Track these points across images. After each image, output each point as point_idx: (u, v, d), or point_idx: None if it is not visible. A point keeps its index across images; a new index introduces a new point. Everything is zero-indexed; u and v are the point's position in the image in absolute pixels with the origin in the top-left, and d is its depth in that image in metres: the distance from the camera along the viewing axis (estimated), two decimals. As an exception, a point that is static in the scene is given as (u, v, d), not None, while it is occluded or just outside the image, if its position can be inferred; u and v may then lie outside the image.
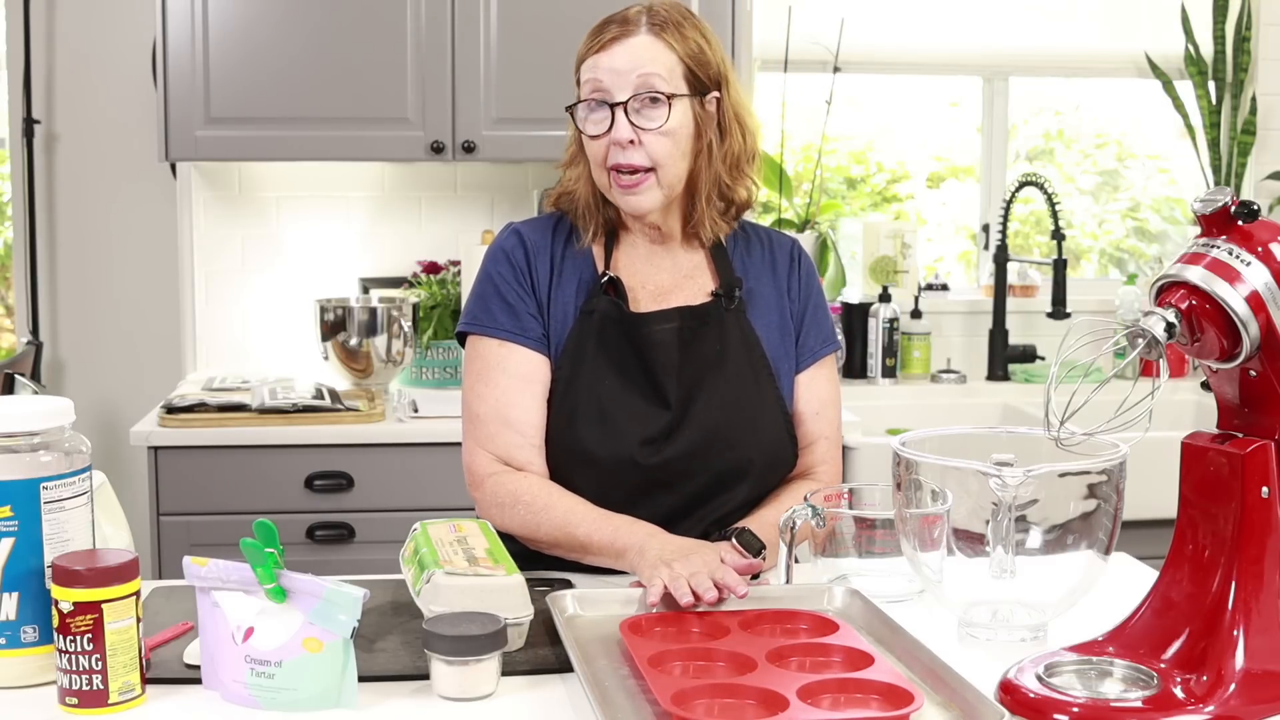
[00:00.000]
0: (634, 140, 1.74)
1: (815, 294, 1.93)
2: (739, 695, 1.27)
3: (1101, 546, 1.44)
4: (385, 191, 3.47)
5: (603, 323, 1.80)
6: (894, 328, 3.51)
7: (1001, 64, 3.78)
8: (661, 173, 1.76)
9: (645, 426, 1.78)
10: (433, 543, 1.54)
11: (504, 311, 1.82)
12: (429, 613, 1.42)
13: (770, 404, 1.84)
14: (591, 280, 1.83)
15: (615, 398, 1.79)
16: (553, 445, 1.80)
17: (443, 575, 1.44)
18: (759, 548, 1.67)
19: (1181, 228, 3.98)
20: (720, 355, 1.82)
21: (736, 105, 1.83)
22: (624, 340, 1.80)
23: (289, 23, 3.04)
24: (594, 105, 1.76)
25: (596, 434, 1.77)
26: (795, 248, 1.94)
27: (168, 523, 2.84)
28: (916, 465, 1.46)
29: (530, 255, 1.84)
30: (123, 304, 3.56)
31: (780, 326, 1.88)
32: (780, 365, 1.87)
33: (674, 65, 1.76)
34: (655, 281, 1.85)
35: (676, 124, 1.76)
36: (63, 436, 1.36)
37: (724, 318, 1.83)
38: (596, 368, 1.79)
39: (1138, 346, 1.30)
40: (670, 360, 1.80)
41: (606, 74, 1.74)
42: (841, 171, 3.91)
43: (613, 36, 1.75)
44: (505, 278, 1.83)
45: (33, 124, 3.45)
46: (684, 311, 1.82)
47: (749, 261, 1.89)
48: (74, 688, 1.28)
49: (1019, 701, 1.29)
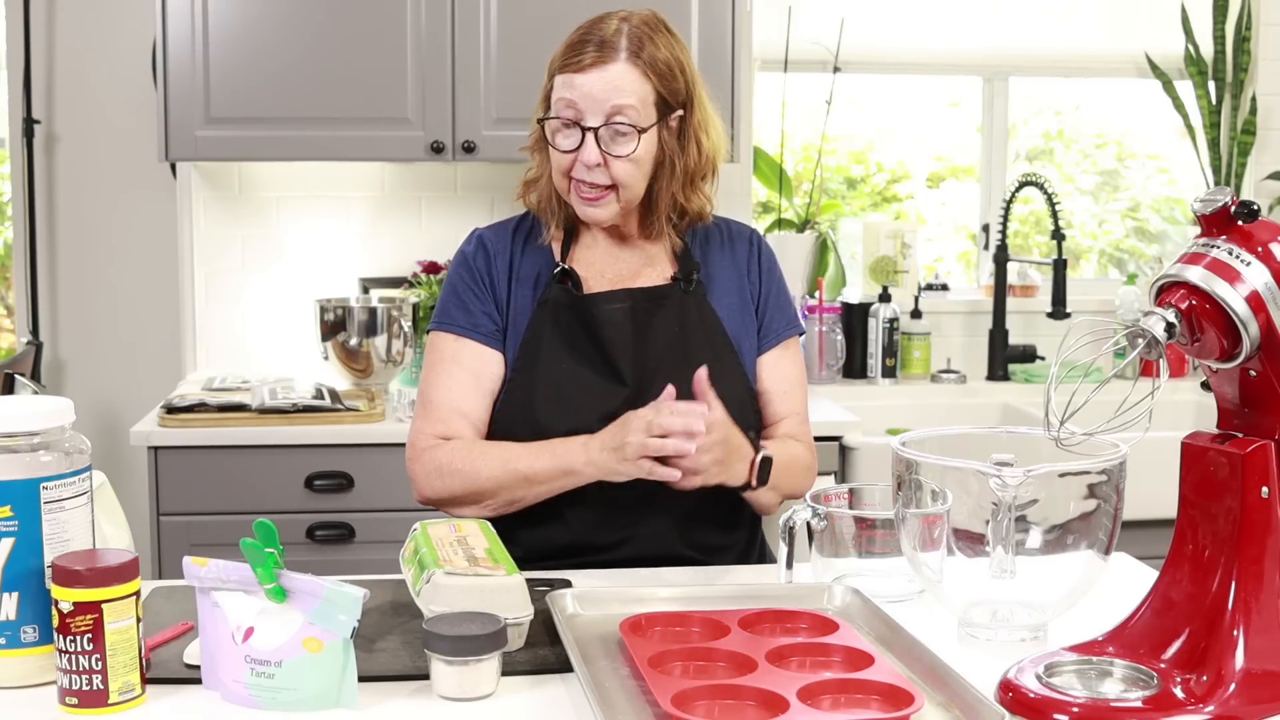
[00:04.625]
0: (601, 164, 1.80)
1: (775, 279, 2.00)
2: (739, 696, 1.27)
3: (1101, 546, 1.44)
4: (385, 191, 3.47)
5: (556, 310, 1.88)
6: (894, 328, 3.51)
7: (1001, 64, 3.78)
8: (622, 191, 1.84)
9: (603, 403, 1.83)
10: (433, 543, 1.54)
11: (460, 310, 1.91)
12: (429, 613, 1.42)
13: (733, 382, 1.88)
14: (549, 272, 1.91)
15: (571, 378, 1.85)
16: (514, 429, 1.85)
17: (443, 575, 1.44)
18: (763, 481, 1.78)
19: (1181, 228, 3.98)
20: (679, 335, 1.89)
21: (699, 123, 1.88)
22: (576, 323, 1.87)
23: (289, 23, 3.04)
24: (566, 122, 1.81)
25: (555, 412, 1.83)
26: (754, 235, 2.02)
27: (168, 523, 2.84)
28: (916, 465, 1.46)
29: (490, 257, 1.93)
30: (123, 304, 3.56)
31: (741, 307, 1.95)
32: (742, 344, 1.93)
33: (647, 95, 1.81)
34: (614, 271, 1.93)
35: (643, 152, 1.82)
36: (63, 436, 1.36)
37: (683, 300, 1.90)
38: (552, 351, 1.86)
39: (1138, 346, 1.30)
40: (623, 339, 1.87)
41: (581, 97, 1.79)
42: (841, 171, 3.91)
43: (591, 60, 1.79)
44: (464, 280, 1.92)
45: (33, 124, 3.45)
46: (635, 292, 1.90)
47: (707, 250, 1.97)
48: (74, 688, 1.28)
49: (1019, 701, 1.29)
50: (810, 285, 3.60)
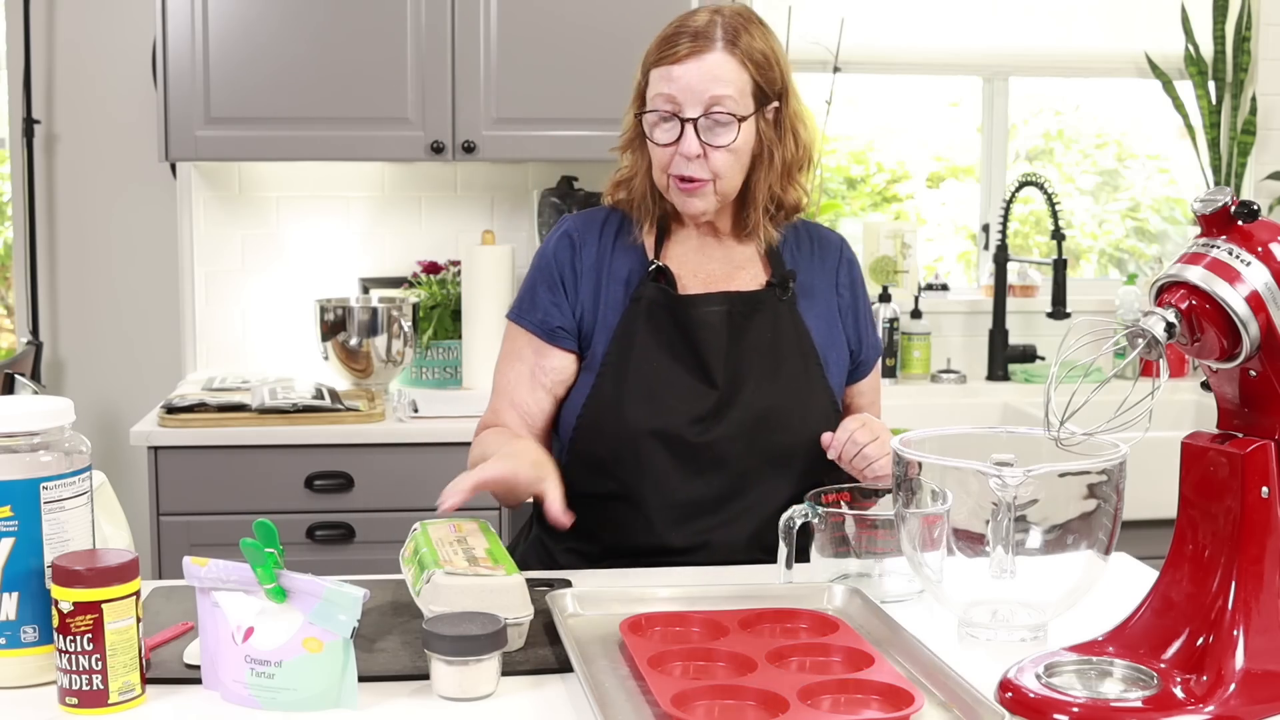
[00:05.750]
0: (701, 155, 1.79)
1: (863, 295, 2.00)
2: (739, 696, 1.27)
3: (1101, 546, 1.44)
4: (385, 191, 3.47)
5: (650, 308, 1.86)
6: (894, 328, 3.51)
7: (1001, 64, 3.78)
8: (720, 183, 1.82)
9: (693, 405, 1.83)
10: (433, 543, 1.54)
11: (530, 304, 1.91)
12: (429, 613, 1.42)
13: (819, 393, 1.90)
14: (642, 270, 1.89)
15: (663, 377, 1.84)
16: (601, 424, 1.84)
17: (443, 575, 1.44)
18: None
19: (1181, 228, 3.98)
20: (772, 342, 1.88)
21: (794, 114, 1.88)
22: (671, 323, 1.86)
23: (289, 23, 3.04)
24: (664, 115, 1.79)
25: (645, 412, 1.82)
26: (844, 245, 2.01)
27: (168, 523, 2.84)
28: (917, 465, 1.46)
29: (575, 250, 1.91)
30: (123, 304, 3.55)
31: (828, 319, 1.94)
32: (829, 356, 1.92)
33: (745, 84, 1.80)
34: (706, 271, 1.91)
35: (742, 142, 1.81)
36: (63, 436, 1.36)
37: (777, 307, 1.89)
38: (644, 350, 1.85)
39: (1138, 346, 1.30)
40: (717, 342, 1.85)
41: (679, 88, 1.77)
42: (841, 171, 3.91)
43: (687, 51, 1.77)
44: (541, 272, 1.92)
45: (33, 124, 3.45)
46: (733, 296, 1.88)
47: (799, 256, 1.95)
48: (74, 688, 1.28)
49: (1019, 701, 1.29)
50: (810, 285, 3.60)
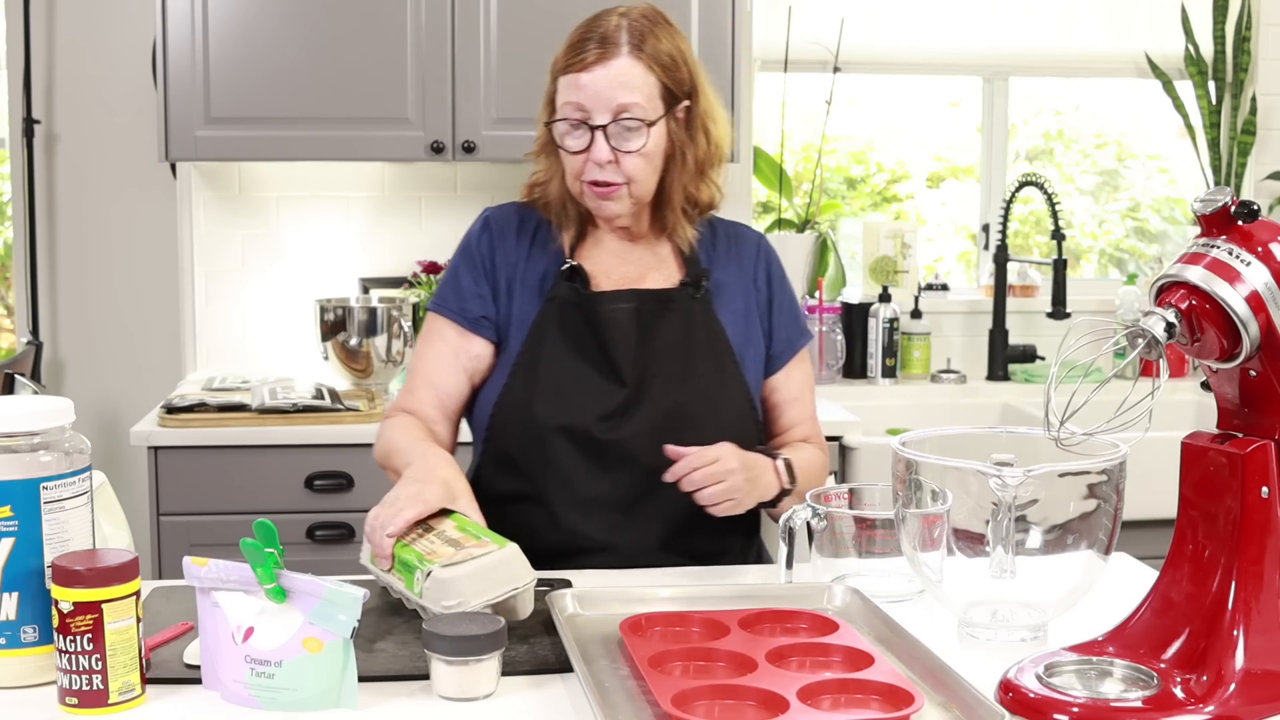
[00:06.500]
0: (612, 160, 1.80)
1: (784, 287, 1.99)
2: (739, 696, 1.27)
3: (1101, 546, 1.44)
4: (385, 191, 3.47)
5: (562, 307, 1.88)
6: (894, 328, 3.51)
7: (1001, 64, 3.78)
8: (634, 186, 1.84)
9: (601, 402, 1.84)
10: (405, 544, 1.53)
11: (453, 293, 1.92)
12: (441, 609, 1.42)
13: (734, 392, 1.90)
14: (558, 271, 1.90)
15: (572, 374, 1.85)
16: (511, 423, 1.86)
17: (441, 569, 1.44)
18: (792, 483, 1.82)
19: (1181, 228, 3.98)
20: (684, 341, 1.88)
21: (705, 112, 1.88)
22: (582, 321, 1.87)
23: (289, 23, 3.04)
24: (574, 123, 1.80)
25: (553, 409, 1.84)
26: (761, 241, 2.01)
27: (168, 523, 2.84)
28: (916, 465, 1.46)
29: (495, 240, 1.93)
30: (123, 304, 3.56)
31: (746, 316, 1.94)
32: (745, 353, 1.92)
33: (653, 87, 1.81)
34: (620, 272, 1.92)
35: (653, 146, 1.82)
36: (63, 436, 1.36)
37: (690, 305, 1.90)
38: (555, 348, 1.86)
39: (1138, 346, 1.30)
40: (626, 340, 1.87)
41: (587, 96, 1.79)
42: (841, 171, 3.91)
43: (594, 58, 1.79)
44: (464, 262, 1.93)
45: (33, 124, 3.45)
46: (642, 294, 1.89)
47: (715, 254, 1.96)
48: (74, 688, 1.28)
49: (1019, 701, 1.29)
50: (810, 285, 3.60)
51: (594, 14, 1.85)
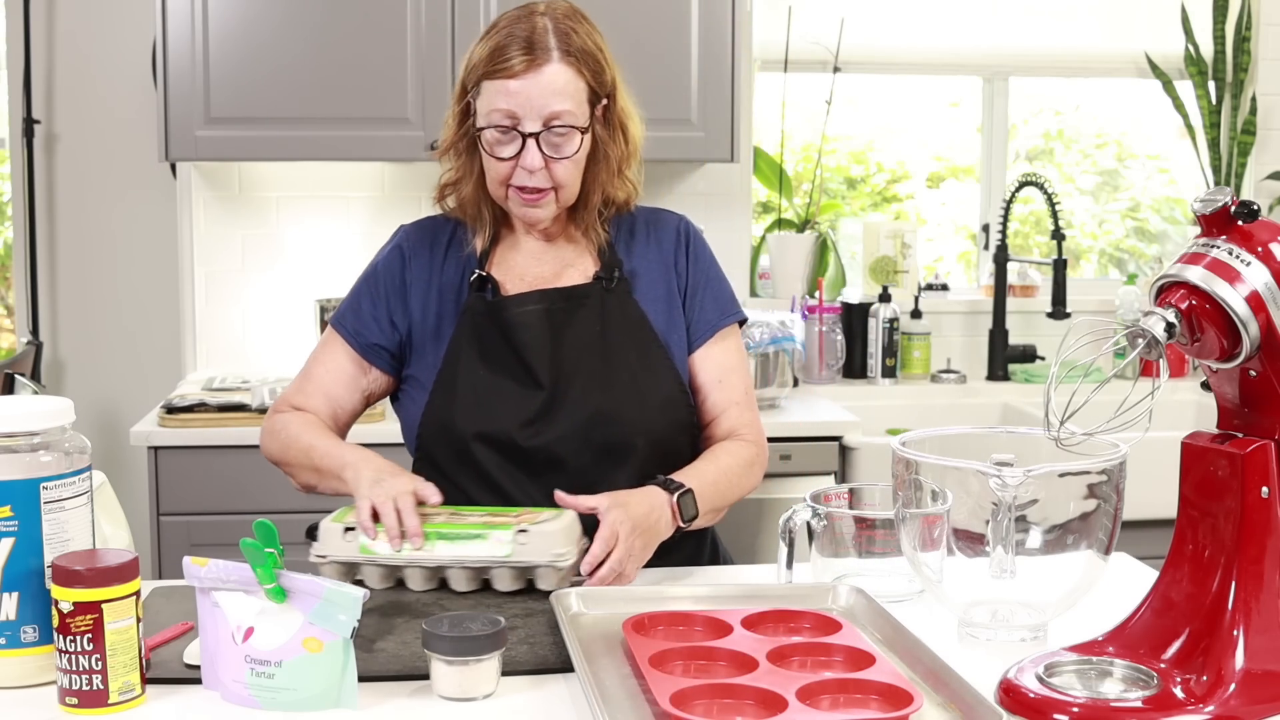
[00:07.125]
0: (543, 167, 1.77)
1: (705, 267, 1.94)
2: (738, 695, 1.27)
3: (1101, 546, 1.44)
4: (385, 191, 3.47)
5: (474, 317, 1.85)
6: (894, 328, 3.51)
7: (1001, 64, 3.78)
8: (562, 191, 1.81)
9: (520, 408, 1.81)
10: (458, 524, 1.62)
11: (353, 314, 1.90)
12: (528, 563, 1.57)
13: (662, 380, 1.85)
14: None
15: (489, 384, 1.83)
16: (436, 439, 1.85)
17: (536, 526, 1.58)
18: (692, 515, 1.75)
19: (1181, 228, 3.98)
20: (601, 335, 1.85)
21: (622, 109, 1.85)
22: (493, 328, 1.85)
23: (289, 23, 3.04)
24: (503, 130, 1.76)
25: (473, 420, 1.81)
26: (682, 224, 1.96)
27: (168, 523, 2.84)
28: (916, 465, 1.46)
29: (406, 264, 1.89)
30: (123, 304, 3.56)
31: (669, 301, 1.90)
32: (670, 339, 1.88)
33: (582, 91, 1.77)
34: (535, 273, 1.89)
35: (583, 151, 1.80)
36: (63, 436, 1.36)
37: (605, 298, 1.86)
38: (469, 359, 1.84)
39: (1138, 346, 1.30)
40: (538, 341, 1.83)
41: (518, 103, 1.74)
42: (841, 171, 3.91)
43: (523, 65, 1.74)
44: (371, 289, 1.91)
45: (33, 124, 3.45)
46: (550, 293, 1.86)
47: (632, 244, 1.92)
48: (74, 688, 1.28)
49: (1019, 701, 1.29)
50: (810, 285, 3.60)
51: (512, 13, 1.79)
